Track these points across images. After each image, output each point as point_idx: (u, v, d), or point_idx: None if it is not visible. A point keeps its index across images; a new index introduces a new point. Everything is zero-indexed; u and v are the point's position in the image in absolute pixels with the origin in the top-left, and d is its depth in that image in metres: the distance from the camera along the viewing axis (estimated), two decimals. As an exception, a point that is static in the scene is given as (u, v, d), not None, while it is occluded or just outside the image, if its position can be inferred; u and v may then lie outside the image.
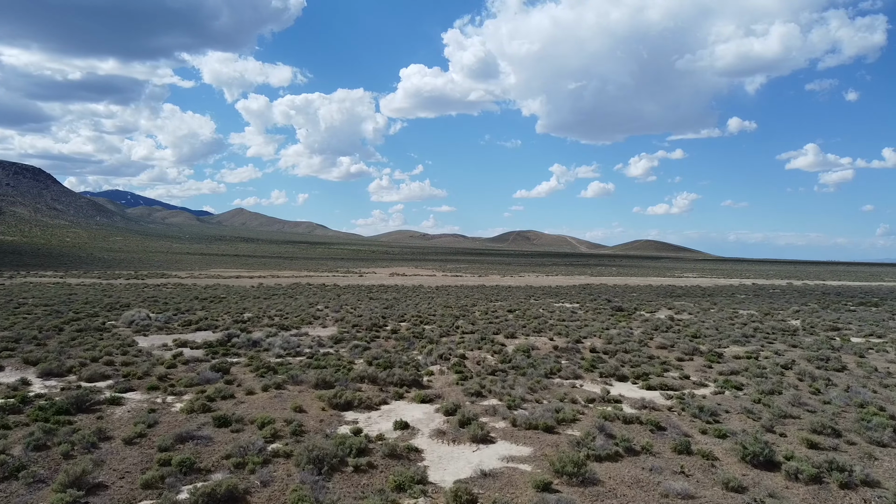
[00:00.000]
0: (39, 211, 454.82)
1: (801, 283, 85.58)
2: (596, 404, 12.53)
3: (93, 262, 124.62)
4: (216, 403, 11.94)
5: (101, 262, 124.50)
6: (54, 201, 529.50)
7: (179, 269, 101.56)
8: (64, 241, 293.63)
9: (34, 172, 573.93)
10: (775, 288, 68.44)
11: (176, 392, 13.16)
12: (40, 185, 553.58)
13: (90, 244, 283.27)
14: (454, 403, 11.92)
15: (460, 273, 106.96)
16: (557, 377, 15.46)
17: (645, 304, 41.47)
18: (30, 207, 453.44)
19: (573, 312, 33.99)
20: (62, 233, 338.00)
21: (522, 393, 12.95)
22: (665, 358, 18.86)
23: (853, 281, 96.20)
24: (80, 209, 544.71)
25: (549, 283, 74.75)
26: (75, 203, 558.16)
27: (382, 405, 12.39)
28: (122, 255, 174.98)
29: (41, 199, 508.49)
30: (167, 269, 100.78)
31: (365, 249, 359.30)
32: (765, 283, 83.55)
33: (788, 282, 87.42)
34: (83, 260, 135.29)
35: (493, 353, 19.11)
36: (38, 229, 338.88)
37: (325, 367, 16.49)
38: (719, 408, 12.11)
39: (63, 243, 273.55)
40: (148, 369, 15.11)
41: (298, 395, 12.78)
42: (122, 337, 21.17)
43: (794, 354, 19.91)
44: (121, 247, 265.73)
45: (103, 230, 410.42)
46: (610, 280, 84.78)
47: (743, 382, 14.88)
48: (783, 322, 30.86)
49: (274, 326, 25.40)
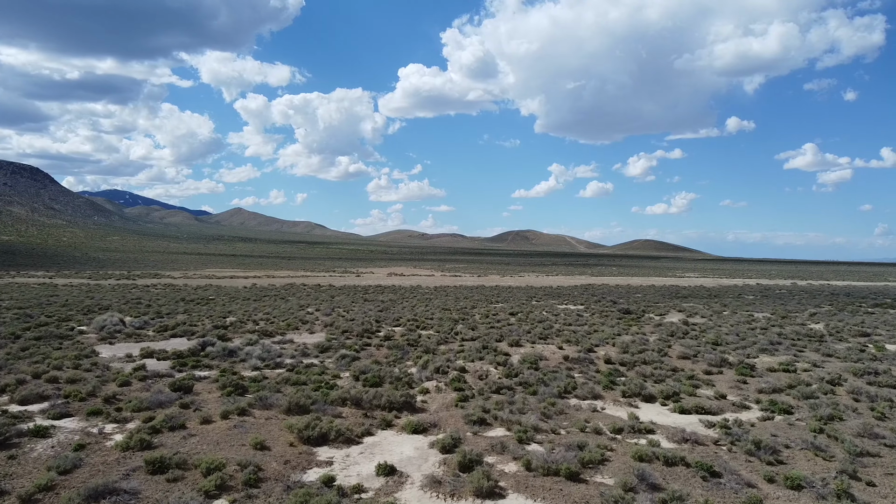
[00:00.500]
0: (37, 210, 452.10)
1: (805, 283, 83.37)
2: (625, 435, 10.33)
3: (87, 262, 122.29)
4: (161, 436, 9.74)
5: (95, 262, 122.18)
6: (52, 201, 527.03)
7: (174, 269, 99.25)
8: (60, 240, 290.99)
9: (32, 172, 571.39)
10: (781, 288, 66.24)
11: (120, 418, 10.97)
12: (38, 185, 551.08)
13: (87, 244, 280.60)
14: (453, 436, 9.73)
15: (459, 273, 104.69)
16: (573, 396, 13.28)
17: (652, 305, 39.32)
18: (27, 207, 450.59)
19: (579, 315, 31.81)
20: (59, 232, 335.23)
21: (535, 420, 10.76)
22: (691, 371, 16.68)
23: (857, 281, 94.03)
24: (78, 209, 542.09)
25: (549, 283, 72.54)
26: (73, 203, 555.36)
27: (366, 436, 10.18)
28: (117, 254, 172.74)
29: (38, 199, 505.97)
30: (162, 269, 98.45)
31: (363, 249, 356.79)
32: (769, 283, 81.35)
33: (793, 282, 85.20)
34: (77, 260, 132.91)
35: (496, 365, 16.94)
36: (34, 229, 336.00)
37: (305, 383, 14.33)
38: (776, 441, 9.91)
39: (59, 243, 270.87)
40: (95, 388, 12.90)
41: (265, 424, 10.57)
42: (83, 346, 18.96)
43: (836, 367, 17.72)
44: (117, 246, 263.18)
45: (101, 230, 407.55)
46: (611, 280, 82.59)
47: (791, 404, 12.69)
48: (804, 326, 28.71)
49: (256, 332, 23.21)
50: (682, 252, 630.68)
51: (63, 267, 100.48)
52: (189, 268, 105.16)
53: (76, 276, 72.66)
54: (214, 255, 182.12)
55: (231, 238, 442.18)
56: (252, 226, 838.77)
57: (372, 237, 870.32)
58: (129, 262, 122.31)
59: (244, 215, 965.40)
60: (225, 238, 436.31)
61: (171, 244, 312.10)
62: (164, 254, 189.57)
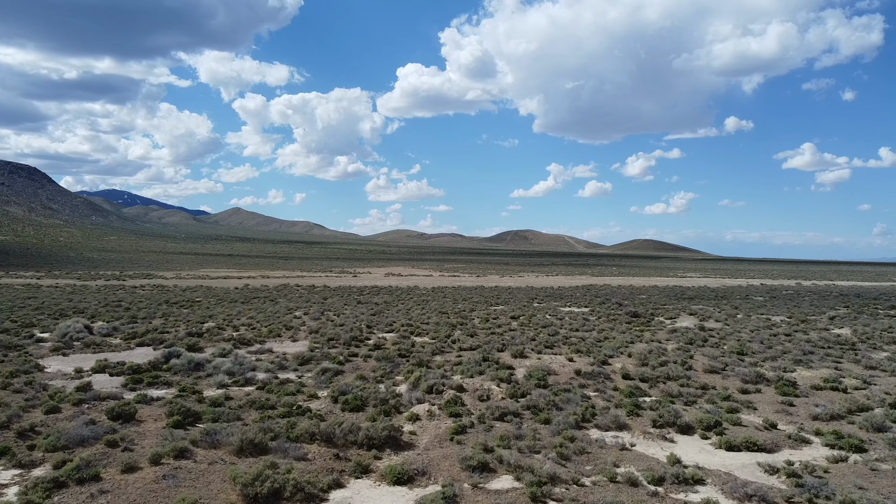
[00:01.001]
0: (34, 210, 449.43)
1: (809, 283, 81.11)
2: (668, 488, 8.05)
3: (80, 263, 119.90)
4: (61, 495, 7.45)
5: (88, 263, 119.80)
6: (50, 201, 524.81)
7: (168, 269, 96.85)
8: (57, 240, 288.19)
9: (29, 172, 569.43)
10: (787, 289, 63.99)
11: (28, 461, 8.71)
12: (35, 185, 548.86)
13: (83, 244, 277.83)
14: (446, 493, 7.45)
15: (458, 273, 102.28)
16: (593, 426, 10.99)
17: (660, 308, 37.06)
18: (24, 207, 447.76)
19: (585, 320, 29.52)
20: (56, 232, 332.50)
21: (551, 466, 8.47)
22: (723, 389, 14.42)
23: (861, 281, 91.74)
24: (76, 209, 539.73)
25: (550, 283, 70.21)
26: (71, 202, 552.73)
27: (333, 490, 7.89)
28: (113, 255, 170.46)
29: (36, 199, 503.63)
30: (156, 269, 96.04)
31: (362, 249, 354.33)
32: (773, 283, 79.09)
33: (797, 282, 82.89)
34: (71, 260, 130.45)
35: (499, 382, 14.67)
36: (31, 229, 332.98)
37: (274, 406, 12.08)
38: (863, 496, 7.64)
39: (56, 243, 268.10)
40: (12, 416, 10.60)
41: (205, 473, 8.27)
42: (29, 359, 16.66)
43: (888, 383, 15.46)
44: (114, 246, 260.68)
45: (98, 230, 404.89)
46: (613, 280, 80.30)
47: (860, 437, 10.41)
48: (829, 332, 26.46)
49: (233, 341, 20.93)
50: (682, 252, 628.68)
51: (56, 267, 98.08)
52: (184, 268, 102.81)
53: (66, 276, 70.31)
54: (211, 255, 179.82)
55: (229, 238, 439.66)
56: (250, 226, 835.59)
57: (371, 237, 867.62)
58: (123, 263, 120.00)
59: (242, 215, 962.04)
60: (223, 238, 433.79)
61: (168, 244, 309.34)
62: (160, 254, 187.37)
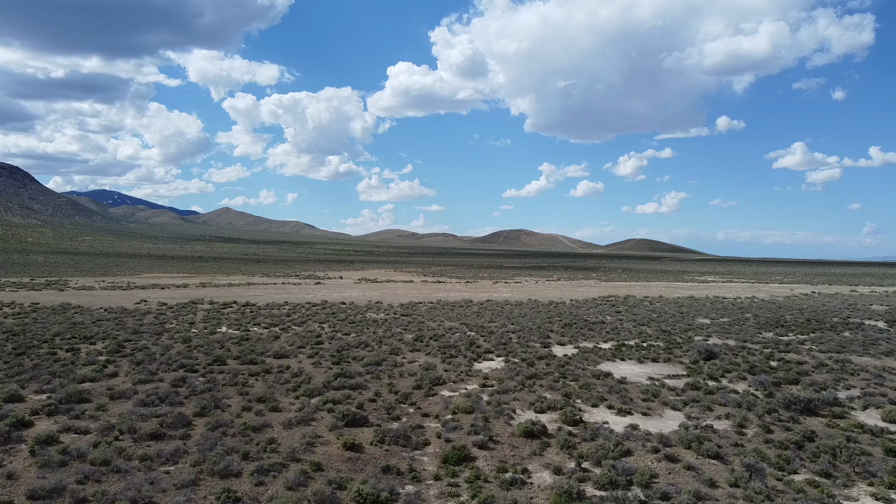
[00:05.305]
0: (10, 210, 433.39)
1: (867, 289, 68.43)
2: None
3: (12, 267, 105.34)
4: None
5: (26, 267, 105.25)
6: (31, 200, 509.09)
7: (111, 273, 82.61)
8: (25, 240, 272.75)
9: (11, 171, 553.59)
10: (865, 300, 51.19)
11: None
12: (17, 184, 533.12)
13: (54, 244, 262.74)
14: None
15: (444, 277, 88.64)
16: None
17: (807, 370, 23.87)
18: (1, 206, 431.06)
19: (715, 432, 16.19)
20: (26, 232, 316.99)
21: None
22: None
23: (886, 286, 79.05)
24: (59, 208, 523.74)
25: (557, 294, 56.68)
26: (54, 202, 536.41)
27: None
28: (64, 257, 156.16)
29: (15, 198, 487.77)
30: (95, 273, 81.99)
31: (349, 249, 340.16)
32: (828, 291, 66.31)
33: (851, 289, 70.14)
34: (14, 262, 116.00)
35: None
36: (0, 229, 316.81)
37: None
38: None
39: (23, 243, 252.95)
40: None
41: None
42: None
43: None
44: (87, 248, 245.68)
45: (78, 230, 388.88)
46: (632, 290, 66.94)
47: None
48: None
49: None
50: (679, 252, 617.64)
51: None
52: (134, 272, 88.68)
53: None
54: (176, 259, 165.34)
55: (212, 238, 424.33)
56: (239, 226, 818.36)
57: (362, 237, 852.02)
58: (66, 266, 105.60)
59: (232, 215, 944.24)
60: (206, 238, 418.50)
61: (144, 244, 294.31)
62: (123, 256, 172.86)
